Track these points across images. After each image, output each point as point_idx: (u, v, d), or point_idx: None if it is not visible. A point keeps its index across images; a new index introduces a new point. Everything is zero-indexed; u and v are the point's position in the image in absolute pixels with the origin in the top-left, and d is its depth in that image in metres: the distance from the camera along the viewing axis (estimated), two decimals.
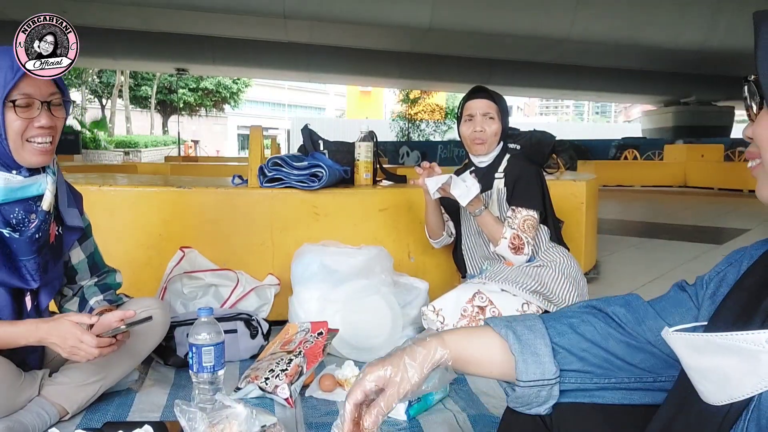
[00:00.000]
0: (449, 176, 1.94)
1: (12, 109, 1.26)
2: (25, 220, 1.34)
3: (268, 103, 41.57)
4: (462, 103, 2.12)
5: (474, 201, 1.92)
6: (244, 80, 30.02)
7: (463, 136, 2.11)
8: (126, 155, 18.16)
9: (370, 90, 32.75)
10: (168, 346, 1.82)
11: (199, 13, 6.72)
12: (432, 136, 21.47)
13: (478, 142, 2.04)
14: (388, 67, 11.44)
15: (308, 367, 1.64)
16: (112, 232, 2.23)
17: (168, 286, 2.22)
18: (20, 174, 1.32)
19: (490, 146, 2.06)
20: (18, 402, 1.37)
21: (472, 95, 2.09)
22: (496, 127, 2.04)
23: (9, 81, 1.24)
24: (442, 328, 1.88)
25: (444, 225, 2.23)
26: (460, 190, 1.90)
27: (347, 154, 2.61)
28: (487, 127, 2.03)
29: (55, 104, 1.33)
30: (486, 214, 1.96)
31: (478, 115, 2.04)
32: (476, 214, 1.96)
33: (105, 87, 26.10)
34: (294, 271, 2.15)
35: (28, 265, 1.35)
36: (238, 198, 2.41)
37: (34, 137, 1.30)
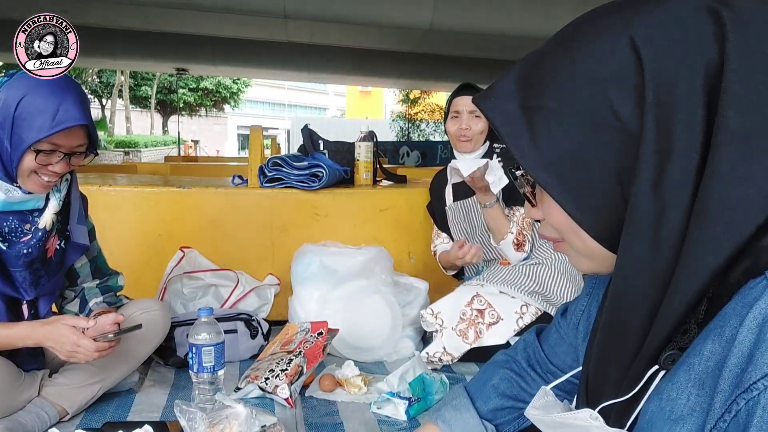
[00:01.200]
0: (486, 161, 1.94)
1: (33, 154, 1.25)
2: (18, 230, 1.33)
3: (268, 103, 41.56)
4: (449, 100, 2.12)
5: (489, 193, 1.92)
6: (244, 80, 30.00)
7: (449, 133, 2.12)
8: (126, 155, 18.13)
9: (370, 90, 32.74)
10: (168, 347, 1.82)
11: (199, 13, 6.71)
12: (432, 136, 21.45)
13: (464, 139, 2.04)
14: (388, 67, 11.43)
15: (308, 367, 1.64)
16: (112, 233, 2.23)
17: (168, 287, 2.22)
18: (21, 190, 1.31)
19: (476, 144, 2.06)
20: (18, 402, 1.36)
21: (459, 92, 2.09)
22: (483, 125, 2.05)
23: (44, 131, 1.22)
24: (441, 330, 1.88)
25: None
26: (494, 177, 1.88)
27: (347, 154, 2.61)
28: (473, 125, 2.04)
29: (78, 154, 1.33)
30: (497, 207, 1.96)
31: (465, 112, 2.04)
32: (488, 205, 1.96)
33: (105, 87, 26.07)
34: (294, 271, 2.15)
35: (18, 276, 1.34)
36: (238, 198, 2.40)
37: (42, 174, 1.30)
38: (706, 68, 0.47)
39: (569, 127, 0.52)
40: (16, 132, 1.22)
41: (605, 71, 0.51)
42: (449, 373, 1.84)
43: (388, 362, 1.96)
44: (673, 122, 0.48)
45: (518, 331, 1.85)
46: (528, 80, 0.55)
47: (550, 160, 0.53)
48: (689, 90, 0.48)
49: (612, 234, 0.54)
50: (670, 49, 0.49)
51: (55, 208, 1.37)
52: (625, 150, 0.50)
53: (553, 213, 0.58)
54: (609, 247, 0.56)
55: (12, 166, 1.26)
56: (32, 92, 1.23)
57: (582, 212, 0.54)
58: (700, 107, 0.47)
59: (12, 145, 1.24)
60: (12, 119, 1.22)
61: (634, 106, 0.50)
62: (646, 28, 0.50)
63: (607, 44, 0.51)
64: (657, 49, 0.49)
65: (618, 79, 0.50)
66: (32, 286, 1.36)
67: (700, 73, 0.47)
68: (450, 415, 0.98)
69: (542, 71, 0.55)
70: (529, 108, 0.54)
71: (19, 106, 1.22)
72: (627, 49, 0.50)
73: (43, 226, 1.35)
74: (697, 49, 0.48)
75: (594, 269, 0.61)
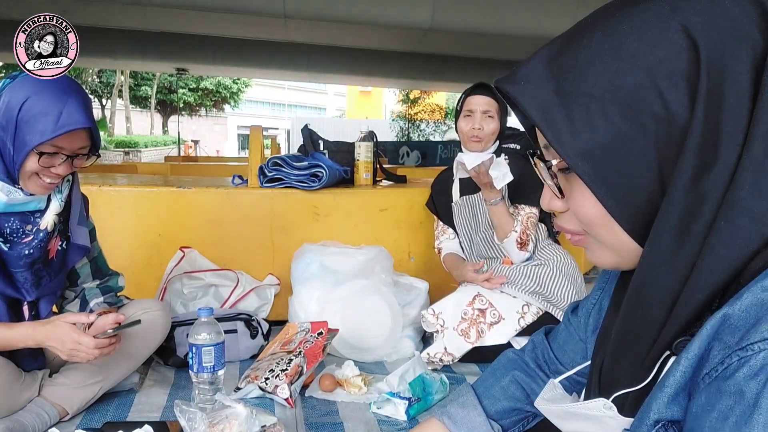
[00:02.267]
0: (491, 155, 1.93)
1: (36, 156, 1.25)
2: (20, 231, 1.33)
3: (268, 103, 41.56)
4: (463, 98, 2.09)
5: (494, 189, 1.92)
6: (244, 80, 30.00)
7: (460, 131, 2.10)
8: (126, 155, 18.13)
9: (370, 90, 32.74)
10: (168, 346, 1.82)
11: (199, 13, 6.71)
12: (432, 136, 21.45)
13: (475, 140, 2.03)
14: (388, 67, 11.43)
15: (308, 367, 1.64)
16: (112, 233, 2.23)
17: (168, 286, 2.22)
18: (23, 192, 1.31)
19: (487, 144, 2.05)
20: (18, 402, 1.37)
21: (473, 91, 2.07)
22: (495, 126, 2.03)
23: (47, 134, 1.22)
24: (442, 331, 1.88)
25: None
26: (498, 172, 1.88)
27: (347, 154, 2.61)
28: (485, 125, 2.02)
29: (80, 156, 1.33)
30: (502, 205, 1.96)
31: (478, 112, 2.03)
32: (493, 202, 1.96)
33: (105, 87, 26.07)
34: (294, 271, 2.15)
35: (19, 277, 1.34)
36: (238, 198, 2.40)
37: (44, 176, 1.30)
38: (753, 59, 0.47)
39: (611, 115, 0.50)
40: (20, 134, 1.22)
41: (654, 58, 0.49)
42: (449, 373, 1.84)
43: (388, 362, 1.96)
44: (721, 113, 0.47)
45: (520, 330, 1.85)
46: (562, 64, 0.53)
47: (589, 147, 0.51)
48: (737, 81, 0.47)
49: (644, 227, 0.53)
50: (720, 37, 0.47)
51: (57, 209, 1.37)
52: (670, 141, 0.49)
53: (584, 204, 0.56)
54: (638, 240, 0.55)
55: (14, 168, 1.26)
56: (35, 95, 1.23)
57: (618, 203, 0.52)
58: (747, 99, 0.47)
59: (15, 148, 1.24)
60: (15, 122, 1.22)
61: (686, 96, 0.48)
62: (695, 15, 0.48)
63: (655, 29, 0.49)
64: (709, 37, 0.48)
65: (670, 67, 0.49)
66: (34, 287, 1.36)
67: (747, 64, 0.47)
68: (456, 412, 0.97)
69: (579, 55, 0.52)
70: (566, 93, 0.52)
71: (22, 109, 1.22)
72: (679, 36, 0.48)
73: (44, 227, 1.35)
74: (744, 38, 0.47)
75: (617, 263, 0.60)
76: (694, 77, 0.48)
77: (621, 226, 0.54)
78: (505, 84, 0.56)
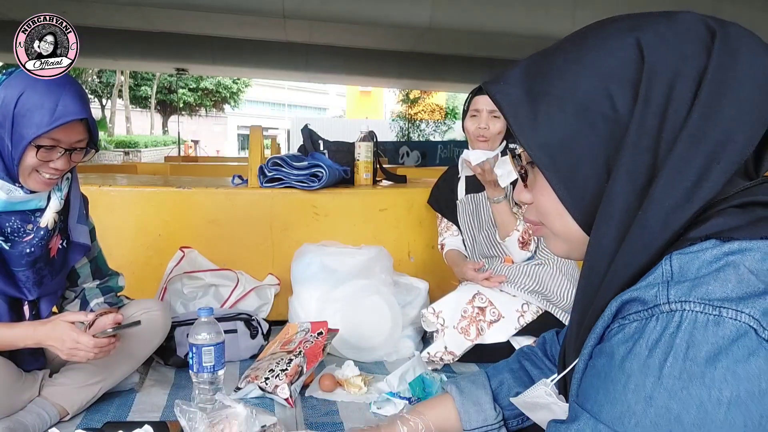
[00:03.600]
0: (496, 153, 1.93)
1: (34, 150, 1.25)
2: (20, 230, 1.32)
3: (268, 103, 41.54)
4: (469, 98, 2.10)
5: (498, 188, 1.93)
6: (244, 80, 30.00)
7: (467, 131, 2.10)
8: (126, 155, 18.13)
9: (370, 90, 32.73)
10: (168, 346, 1.82)
11: (199, 13, 6.71)
12: (432, 136, 21.45)
13: (482, 139, 2.04)
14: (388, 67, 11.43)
15: (308, 367, 1.64)
16: (112, 233, 2.23)
17: (168, 286, 2.22)
18: (23, 190, 1.31)
19: (493, 144, 2.05)
20: (18, 402, 1.36)
21: (480, 91, 2.07)
22: (501, 126, 2.04)
23: (44, 126, 1.22)
24: (443, 330, 1.88)
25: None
26: (502, 170, 1.88)
27: (347, 154, 2.61)
28: (491, 125, 2.03)
29: (78, 150, 1.33)
30: (505, 203, 1.96)
31: (485, 111, 2.03)
32: (496, 200, 1.96)
33: (105, 87, 26.07)
34: (294, 271, 2.15)
35: (21, 276, 1.34)
36: (238, 198, 2.41)
37: (44, 172, 1.30)
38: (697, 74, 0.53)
39: (568, 113, 0.57)
40: (17, 129, 1.22)
41: (609, 65, 0.56)
42: (450, 373, 1.84)
43: (388, 362, 1.96)
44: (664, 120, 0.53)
45: (519, 329, 1.85)
46: (536, 69, 0.60)
47: (547, 141, 0.58)
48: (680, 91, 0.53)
49: (591, 218, 0.59)
50: (668, 53, 0.54)
51: (57, 207, 1.37)
52: (615, 139, 0.55)
53: (543, 194, 0.62)
54: (586, 230, 0.60)
55: (13, 164, 1.26)
56: (30, 89, 1.23)
57: (569, 192, 0.59)
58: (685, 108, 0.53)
59: (13, 143, 1.24)
60: (12, 116, 1.22)
61: (630, 100, 0.54)
62: (650, 33, 0.55)
63: (615, 42, 0.56)
64: (657, 52, 0.54)
65: (619, 73, 0.55)
66: (35, 286, 1.36)
67: (691, 78, 0.53)
68: (465, 386, 1.01)
69: (551, 63, 0.60)
70: (534, 92, 0.59)
71: (18, 103, 1.22)
72: (632, 49, 0.55)
73: (45, 225, 1.35)
74: (690, 57, 0.54)
75: (568, 253, 0.65)
76: (637, 83, 0.54)
77: (572, 216, 0.60)
78: (488, 84, 0.64)
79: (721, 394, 0.45)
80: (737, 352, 0.45)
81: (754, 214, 0.52)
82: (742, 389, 0.45)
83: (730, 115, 0.52)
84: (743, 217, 0.52)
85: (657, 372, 0.47)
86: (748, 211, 0.53)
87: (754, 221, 0.52)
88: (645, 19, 0.57)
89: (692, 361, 0.46)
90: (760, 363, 0.45)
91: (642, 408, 0.47)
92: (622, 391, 0.49)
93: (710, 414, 0.45)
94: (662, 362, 0.47)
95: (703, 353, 0.46)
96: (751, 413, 0.44)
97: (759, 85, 0.53)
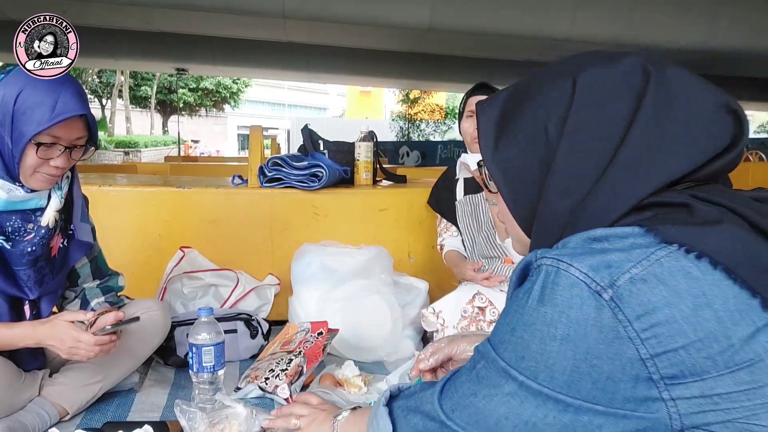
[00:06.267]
0: None
1: (34, 147, 1.25)
2: (21, 229, 1.32)
3: (268, 103, 41.54)
4: (464, 99, 2.09)
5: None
6: (244, 80, 30.00)
7: (464, 132, 2.10)
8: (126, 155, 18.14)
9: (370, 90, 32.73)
10: (168, 346, 1.82)
11: (199, 13, 6.71)
12: (432, 136, 21.45)
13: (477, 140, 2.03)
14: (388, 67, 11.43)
15: (308, 367, 1.64)
16: (112, 233, 2.23)
17: (168, 286, 2.22)
18: (23, 189, 1.31)
19: None
20: (18, 402, 1.37)
21: (474, 91, 2.07)
22: None
23: (44, 122, 1.22)
24: (443, 329, 1.88)
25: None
26: None
27: (347, 154, 2.61)
28: None
29: (78, 147, 1.32)
30: None
31: None
32: (494, 202, 1.96)
33: (105, 87, 26.07)
34: (294, 271, 2.15)
35: (22, 275, 1.34)
36: (238, 198, 2.41)
37: (44, 170, 1.29)
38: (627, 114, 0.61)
39: (519, 140, 0.68)
40: (17, 127, 1.22)
41: (549, 101, 0.66)
42: None
43: (388, 362, 1.96)
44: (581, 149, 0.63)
45: None
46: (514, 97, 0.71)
47: (502, 159, 0.69)
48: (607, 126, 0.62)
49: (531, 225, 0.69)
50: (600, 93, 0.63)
51: (57, 206, 1.37)
52: (547, 162, 0.66)
53: (500, 202, 0.74)
54: (529, 235, 0.71)
55: (14, 162, 1.26)
56: (29, 86, 1.23)
57: (515, 204, 0.70)
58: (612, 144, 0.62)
59: (13, 141, 1.23)
60: (12, 114, 1.22)
61: (560, 132, 0.64)
62: (588, 75, 0.64)
63: (558, 81, 0.66)
64: (589, 91, 0.63)
65: (556, 108, 0.65)
66: (37, 285, 1.36)
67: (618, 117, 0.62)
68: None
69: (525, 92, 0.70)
70: (505, 118, 0.70)
71: (17, 101, 1.22)
72: (568, 87, 0.65)
73: (45, 224, 1.35)
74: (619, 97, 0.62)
75: (522, 252, 0.75)
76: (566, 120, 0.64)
77: (518, 224, 0.72)
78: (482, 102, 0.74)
79: (556, 331, 0.56)
80: (571, 299, 0.56)
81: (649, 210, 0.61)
82: (571, 330, 0.55)
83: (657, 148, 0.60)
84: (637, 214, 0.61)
85: (521, 310, 0.59)
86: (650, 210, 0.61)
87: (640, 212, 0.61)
88: (589, 62, 0.66)
89: (539, 302, 0.58)
90: (586, 309, 0.55)
91: (508, 337, 0.61)
92: (501, 323, 0.63)
93: (547, 346, 0.57)
94: (524, 303, 0.59)
95: (546, 298, 0.57)
96: (578, 348, 0.55)
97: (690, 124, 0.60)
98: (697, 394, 0.53)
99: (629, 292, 0.54)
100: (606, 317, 0.54)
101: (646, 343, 0.53)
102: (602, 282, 0.54)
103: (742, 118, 0.62)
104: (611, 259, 0.55)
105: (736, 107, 0.62)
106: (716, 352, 0.52)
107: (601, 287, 0.54)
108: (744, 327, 0.52)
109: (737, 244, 0.55)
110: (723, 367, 0.52)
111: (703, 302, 0.53)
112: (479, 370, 0.65)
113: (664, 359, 0.53)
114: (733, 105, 0.62)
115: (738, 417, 0.53)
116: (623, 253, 0.56)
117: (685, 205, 0.59)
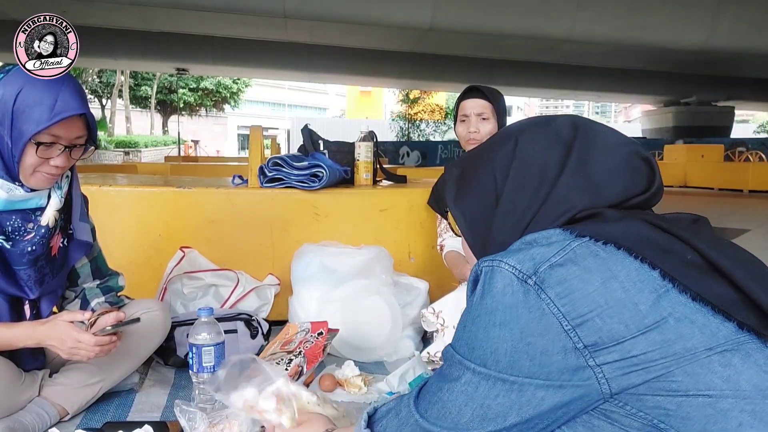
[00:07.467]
0: None
1: (34, 147, 1.25)
2: (21, 228, 1.32)
3: (268, 103, 41.54)
4: (457, 103, 2.11)
5: None
6: (244, 80, 30.01)
7: (459, 136, 2.11)
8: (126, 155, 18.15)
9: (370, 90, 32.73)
10: (168, 347, 1.82)
11: (199, 13, 6.71)
12: (432, 136, 21.46)
13: (473, 142, 2.04)
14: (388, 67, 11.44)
15: (308, 367, 1.64)
16: (112, 233, 2.23)
17: (168, 287, 2.22)
18: (23, 189, 1.31)
19: None
20: (18, 402, 1.36)
21: (465, 95, 2.08)
22: (491, 128, 2.04)
23: (44, 122, 1.21)
24: (443, 330, 1.88)
25: None
26: None
27: (347, 154, 2.61)
28: (481, 127, 2.03)
29: (77, 146, 1.32)
30: None
31: (473, 115, 2.04)
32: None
33: (105, 87, 26.09)
34: (294, 271, 2.15)
35: (22, 274, 1.34)
36: (238, 198, 2.40)
37: (44, 170, 1.29)
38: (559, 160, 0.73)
39: (474, 188, 0.80)
40: (16, 126, 1.22)
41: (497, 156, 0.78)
42: None
43: (388, 362, 1.96)
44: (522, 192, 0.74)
45: None
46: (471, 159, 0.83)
47: (462, 207, 0.81)
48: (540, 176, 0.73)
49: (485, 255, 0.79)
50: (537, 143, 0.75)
51: (57, 205, 1.37)
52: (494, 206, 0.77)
53: (464, 240, 0.85)
54: None
55: (13, 162, 1.26)
56: (29, 85, 1.23)
57: (473, 240, 0.81)
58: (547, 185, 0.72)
59: (12, 140, 1.23)
60: (11, 113, 1.22)
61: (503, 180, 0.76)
62: (528, 135, 0.77)
63: (503, 140, 0.79)
64: (528, 146, 0.75)
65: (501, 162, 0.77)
66: (37, 285, 1.36)
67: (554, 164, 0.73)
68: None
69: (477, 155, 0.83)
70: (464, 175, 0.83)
71: (17, 100, 1.22)
72: (511, 144, 0.77)
73: (45, 223, 1.34)
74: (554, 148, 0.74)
75: None
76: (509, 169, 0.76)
77: (473, 254, 0.82)
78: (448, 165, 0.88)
79: (495, 318, 0.65)
80: (504, 289, 0.65)
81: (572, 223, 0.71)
82: (507, 314, 0.64)
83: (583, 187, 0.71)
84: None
85: (470, 309, 0.69)
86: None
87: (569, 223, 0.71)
88: (530, 125, 0.79)
89: (481, 297, 0.67)
90: (516, 295, 0.64)
91: (461, 333, 0.69)
92: (458, 324, 0.71)
93: (490, 333, 0.65)
94: (472, 302, 0.69)
95: (486, 292, 0.66)
96: (514, 330, 0.63)
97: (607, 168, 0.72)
98: (618, 357, 0.60)
99: (549, 275, 0.63)
100: (532, 299, 0.63)
101: (567, 316, 0.61)
102: (527, 271, 0.64)
103: (653, 163, 0.75)
104: (535, 253, 0.66)
105: (647, 155, 0.75)
106: (627, 317, 0.60)
107: (526, 275, 0.64)
108: (648, 294, 0.61)
109: (639, 232, 0.66)
110: (635, 330, 0.60)
111: (610, 275, 0.62)
112: (443, 369, 0.72)
113: (584, 329, 0.61)
114: (644, 153, 0.74)
115: (657, 375, 0.60)
116: (545, 247, 0.66)
117: (598, 213, 0.70)
